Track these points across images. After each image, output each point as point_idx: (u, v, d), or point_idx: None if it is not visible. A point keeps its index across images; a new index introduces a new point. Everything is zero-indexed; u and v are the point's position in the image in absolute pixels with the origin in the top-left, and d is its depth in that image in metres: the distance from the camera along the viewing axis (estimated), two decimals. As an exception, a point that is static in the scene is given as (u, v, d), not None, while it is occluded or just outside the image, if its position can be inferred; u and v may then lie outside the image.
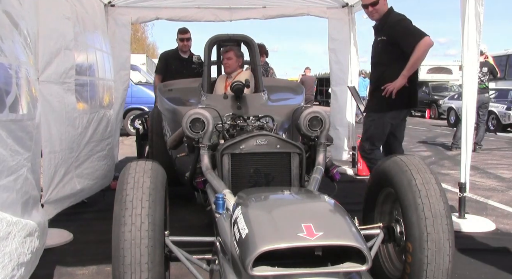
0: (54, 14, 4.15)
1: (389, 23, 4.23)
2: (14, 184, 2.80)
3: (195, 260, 2.30)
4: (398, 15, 4.27)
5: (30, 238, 2.79)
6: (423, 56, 4.13)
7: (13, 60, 2.82)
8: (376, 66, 4.38)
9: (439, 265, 2.22)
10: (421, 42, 4.06)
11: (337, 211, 2.07)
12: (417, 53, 4.07)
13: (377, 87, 4.32)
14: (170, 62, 6.04)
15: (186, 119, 2.98)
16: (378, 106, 4.32)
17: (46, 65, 3.99)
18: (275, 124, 3.59)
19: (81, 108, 4.66)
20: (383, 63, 4.26)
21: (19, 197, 2.87)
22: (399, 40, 4.12)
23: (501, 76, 19.14)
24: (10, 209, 2.73)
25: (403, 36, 4.12)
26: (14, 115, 2.78)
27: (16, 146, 2.85)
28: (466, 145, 4.30)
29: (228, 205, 2.36)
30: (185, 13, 6.78)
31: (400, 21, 4.19)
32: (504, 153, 9.88)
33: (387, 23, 4.25)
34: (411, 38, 4.10)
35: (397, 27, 4.16)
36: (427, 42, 4.07)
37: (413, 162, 2.49)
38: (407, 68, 4.11)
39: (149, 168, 2.30)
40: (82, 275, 3.25)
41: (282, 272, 1.78)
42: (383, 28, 4.26)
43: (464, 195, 4.31)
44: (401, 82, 4.13)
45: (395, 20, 4.21)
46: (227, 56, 4.61)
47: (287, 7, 6.97)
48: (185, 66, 6.05)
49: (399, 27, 4.15)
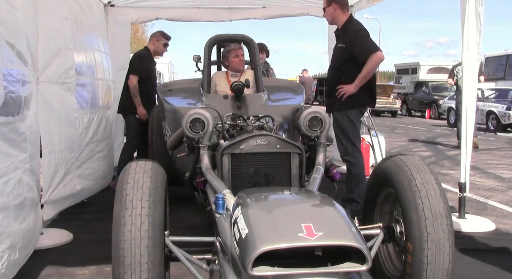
0: (53, 14, 4.15)
1: (348, 32, 4.40)
2: (4, 186, 2.79)
3: (195, 260, 2.30)
4: (358, 25, 4.46)
5: (9, 251, 2.77)
6: (374, 69, 4.34)
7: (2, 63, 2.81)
8: (333, 70, 4.55)
9: (439, 265, 2.22)
10: (373, 56, 4.21)
11: (337, 211, 2.07)
12: (369, 66, 4.24)
13: (334, 89, 4.45)
14: (148, 63, 5.70)
15: (186, 119, 2.98)
16: (337, 105, 4.45)
17: (46, 65, 3.98)
18: (275, 124, 3.58)
19: (81, 108, 4.67)
20: (339, 68, 4.43)
21: (10, 200, 2.86)
22: (354, 50, 4.28)
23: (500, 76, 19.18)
24: (2, 212, 2.72)
25: (357, 47, 4.28)
26: (4, 118, 2.78)
27: (8, 148, 2.85)
28: (466, 145, 4.31)
29: (228, 205, 2.36)
30: (185, 13, 6.79)
31: (358, 32, 4.36)
32: (504, 153, 9.88)
33: (347, 32, 4.41)
34: (365, 51, 4.25)
35: (354, 37, 4.33)
36: (378, 56, 4.25)
37: (413, 162, 2.49)
38: (359, 78, 4.27)
39: (149, 168, 2.29)
40: (82, 275, 3.25)
41: (282, 272, 1.78)
42: (344, 36, 4.42)
43: (464, 195, 4.31)
44: (353, 90, 4.31)
45: (354, 30, 4.38)
46: (241, 53, 4.50)
47: (287, 7, 6.97)
48: (154, 70, 5.94)
49: (355, 38, 4.32)
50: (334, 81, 4.47)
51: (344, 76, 4.40)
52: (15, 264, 2.88)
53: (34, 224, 3.34)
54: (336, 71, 4.51)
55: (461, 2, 4.21)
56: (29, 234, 3.18)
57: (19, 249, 2.95)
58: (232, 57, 4.46)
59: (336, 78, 4.47)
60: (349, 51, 4.33)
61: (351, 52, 4.31)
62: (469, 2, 4.13)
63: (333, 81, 4.50)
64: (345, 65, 4.39)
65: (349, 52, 4.32)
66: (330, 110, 4.50)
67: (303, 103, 4.56)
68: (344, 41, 4.39)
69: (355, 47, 4.29)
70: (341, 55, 4.42)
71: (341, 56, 4.42)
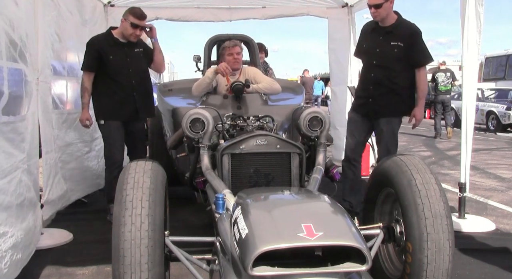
0: (53, 14, 4.15)
1: (405, 30, 4.06)
2: (8, 186, 2.80)
3: (195, 260, 2.30)
4: (414, 26, 4.13)
5: (12, 251, 2.77)
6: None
7: (5, 63, 2.81)
8: (380, 69, 4.12)
9: (439, 265, 2.22)
10: (423, 69, 4.07)
11: (337, 211, 2.07)
12: (424, 80, 4.09)
13: (387, 92, 4.10)
14: (106, 51, 4.23)
15: (186, 119, 2.99)
16: (397, 111, 4.14)
17: (46, 65, 3.98)
18: (275, 124, 3.59)
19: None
20: (390, 67, 4.08)
21: (13, 199, 2.87)
22: (414, 52, 4.01)
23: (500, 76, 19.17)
24: (6, 211, 2.73)
25: (420, 51, 4.05)
26: (6, 118, 2.78)
27: (10, 148, 2.86)
28: (466, 145, 4.31)
29: (228, 205, 2.36)
30: (184, 13, 6.78)
31: (419, 34, 4.08)
32: (504, 153, 9.88)
33: (401, 29, 4.06)
34: (425, 58, 4.08)
35: (417, 37, 4.05)
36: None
37: (413, 162, 2.49)
38: (422, 98, 4.12)
39: (149, 168, 2.29)
40: (82, 275, 3.25)
41: (282, 272, 1.77)
42: (398, 32, 4.06)
43: (464, 195, 4.31)
44: (422, 114, 4.17)
45: (414, 30, 4.07)
46: (236, 51, 4.28)
47: (287, 7, 6.97)
48: (128, 54, 4.33)
49: (418, 38, 4.05)
50: (385, 82, 4.10)
51: (396, 77, 4.08)
52: (17, 263, 2.88)
53: (33, 224, 3.34)
54: (384, 70, 4.09)
55: (461, 2, 4.21)
56: (29, 233, 3.18)
57: (21, 249, 2.96)
58: (226, 55, 4.28)
59: (386, 79, 4.09)
60: (406, 51, 4.00)
61: (409, 52, 4.01)
62: (469, 2, 4.13)
63: (383, 83, 4.11)
64: (398, 64, 4.06)
65: (406, 51, 4.01)
66: (379, 116, 4.15)
67: (303, 103, 4.56)
68: (402, 40, 4.01)
69: (416, 50, 4.02)
70: (396, 53, 4.03)
71: (395, 55, 4.04)
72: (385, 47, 4.09)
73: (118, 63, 4.26)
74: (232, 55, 4.25)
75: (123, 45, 4.33)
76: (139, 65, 4.41)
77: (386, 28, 4.11)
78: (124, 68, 4.28)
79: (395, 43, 4.03)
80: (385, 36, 4.10)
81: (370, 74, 4.19)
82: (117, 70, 4.25)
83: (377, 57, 4.13)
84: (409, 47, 4.00)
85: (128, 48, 4.35)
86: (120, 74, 4.26)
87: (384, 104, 4.11)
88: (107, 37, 4.35)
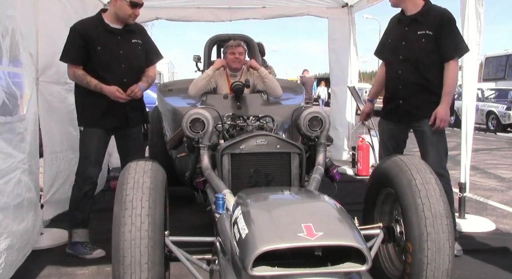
0: (53, 14, 4.15)
1: (434, 16, 3.47)
2: (5, 187, 2.80)
3: (195, 260, 2.30)
4: (446, 11, 3.51)
5: (7, 252, 2.77)
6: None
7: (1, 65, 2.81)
8: (408, 64, 3.54)
9: (439, 265, 2.22)
10: (456, 61, 3.50)
11: (337, 211, 2.06)
12: (453, 76, 3.47)
13: (419, 91, 3.53)
14: (93, 39, 3.39)
15: (186, 119, 2.99)
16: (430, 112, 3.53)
17: (47, 65, 3.98)
18: (275, 124, 3.59)
19: None
20: (420, 61, 3.50)
21: (10, 200, 2.87)
22: (445, 41, 3.43)
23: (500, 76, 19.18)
24: (1, 213, 2.73)
25: (452, 39, 3.46)
26: (3, 118, 2.78)
27: (8, 148, 2.85)
28: (466, 145, 4.31)
29: (228, 205, 2.36)
30: (184, 13, 6.80)
31: (451, 21, 3.47)
32: (504, 153, 9.89)
33: (430, 16, 3.48)
34: (458, 50, 3.52)
35: (450, 24, 3.46)
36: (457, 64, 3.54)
37: (413, 162, 2.49)
38: (447, 95, 3.47)
39: (149, 168, 2.29)
40: (82, 275, 3.25)
41: (282, 272, 1.77)
42: (425, 20, 3.48)
43: (464, 195, 4.31)
44: (447, 113, 3.52)
45: (446, 16, 3.47)
46: (238, 51, 4.23)
47: (287, 7, 6.98)
48: (122, 45, 3.49)
49: (451, 25, 3.46)
50: (415, 79, 3.52)
51: (427, 71, 3.49)
52: (12, 264, 2.88)
53: (32, 224, 3.33)
54: (412, 65, 3.52)
55: (461, 2, 4.21)
56: (27, 234, 3.18)
57: (17, 250, 2.95)
58: (228, 54, 4.28)
59: (417, 75, 3.51)
60: (436, 40, 3.43)
61: (440, 42, 3.42)
62: (469, 2, 4.14)
63: (413, 80, 3.53)
64: (428, 57, 3.47)
65: (436, 41, 3.43)
66: (414, 119, 3.61)
67: (303, 103, 4.56)
68: (430, 27, 3.43)
69: (448, 38, 3.42)
70: (424, 44, 3.45)
71: (423, 46, 3.46)
72: (411, 38, 3.52)
73: (108, 55, 3.41)
74: (233, 54, 4.25)
75: (115, 33, 3.44)
76: (135, 60, 3.53)
77: (411, 16, 3.54)
78: (115, 63, 3.43)
79: (423, 32, 3.46)
80: (411, 25, 3.53)
81: (398, 72, 3.61)
82: (106, 64, 3.41)
83: (403, 50, 3.56)
84: (439, 36, 3.43)
85: (122, 38, 3.48)
86: (109, 70, 3.42)
87: (418, 105, 3.55)
88: (96, 21, 3.45)
